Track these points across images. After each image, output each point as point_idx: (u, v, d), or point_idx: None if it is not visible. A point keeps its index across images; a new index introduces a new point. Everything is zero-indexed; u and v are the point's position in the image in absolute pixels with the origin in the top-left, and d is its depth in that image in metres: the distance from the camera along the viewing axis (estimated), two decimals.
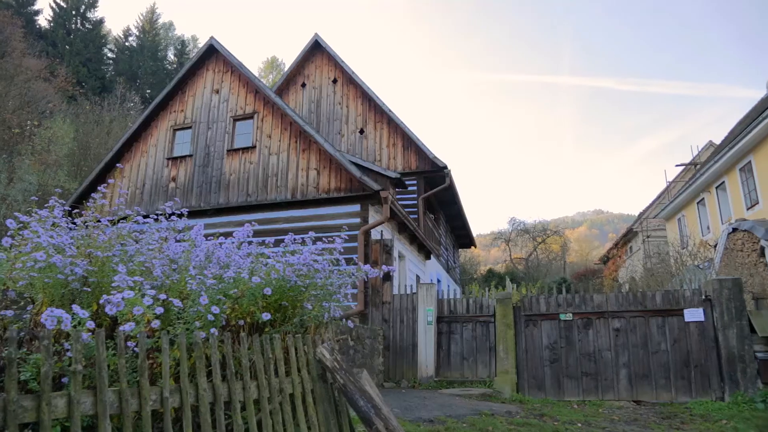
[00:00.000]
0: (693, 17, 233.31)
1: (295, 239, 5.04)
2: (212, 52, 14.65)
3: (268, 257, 4.80)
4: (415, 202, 17.60)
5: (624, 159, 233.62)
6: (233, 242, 5.00)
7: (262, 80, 52.73)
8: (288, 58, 69.82)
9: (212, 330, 3.33)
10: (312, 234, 5.47)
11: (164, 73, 48.46)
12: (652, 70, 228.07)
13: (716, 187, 20.26)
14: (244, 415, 3.17)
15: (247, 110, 13.65)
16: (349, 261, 5.12)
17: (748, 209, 17.67)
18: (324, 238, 5.35)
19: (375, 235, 11.90)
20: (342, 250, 5.06)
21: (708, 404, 8.57)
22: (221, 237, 5.11)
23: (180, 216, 5.04)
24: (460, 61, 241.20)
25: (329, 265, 5.06)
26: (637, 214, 34.16)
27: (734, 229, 15.73)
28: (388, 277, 11.17)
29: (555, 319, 9.92)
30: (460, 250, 32.21)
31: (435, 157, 17.69)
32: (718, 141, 24.98)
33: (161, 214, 4.82)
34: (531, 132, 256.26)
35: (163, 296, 3.41)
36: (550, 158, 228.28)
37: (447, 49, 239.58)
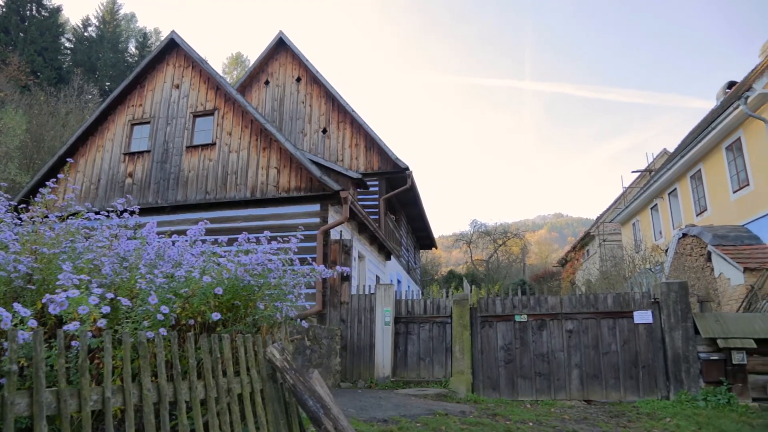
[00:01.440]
0: (651, 29, 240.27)
1: (249, 238, 5.01)
2: (173, 47, 14.39)
3: (221, 256, 4.77)
4: (377, 202, 17.66)
5: (584, 164, 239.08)
6: (186, 240, 4.95)
7: (226, 76, 51.61)
8: (253, 55, 69.19)
9: (161, 330, 3.30)
10: (267, 233, 5.45)
11: (125, 65, 47.27)
12: (611, 79, 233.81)
13: (669, 194, 20.93)
14: (191, 415, 3.15)
15: (208, 107, 13.46)
16: (303, 261, 5.13)
17: (697, 215, 18.30)
18: (279, 238, 5.34)
19: (335, 235, 11.89)
20: (296, 250, 5.06)
21: (654, 403, 8.85)
22: (174, 235, 5.05)
23: (132, 213, 4.96)
24: (425, 63, 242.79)
25: (283, 265, 5.05)
26: (595, 218, 34.99)
27: (684, 235, 16.29)
28: (346, 277, 11.18)
29: (510, 320, 10.10)
30: (421, 251, 32.42)
31: (397, 158, 17.78)
32: (672, 149, 25.82)
33: (112, 211, 4.73)
34: (494, 135, 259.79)
35: (110, 295, 3.35)
36: (513, 162, 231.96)
37: (413, 50, 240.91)
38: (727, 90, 21.54)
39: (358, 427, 6.45)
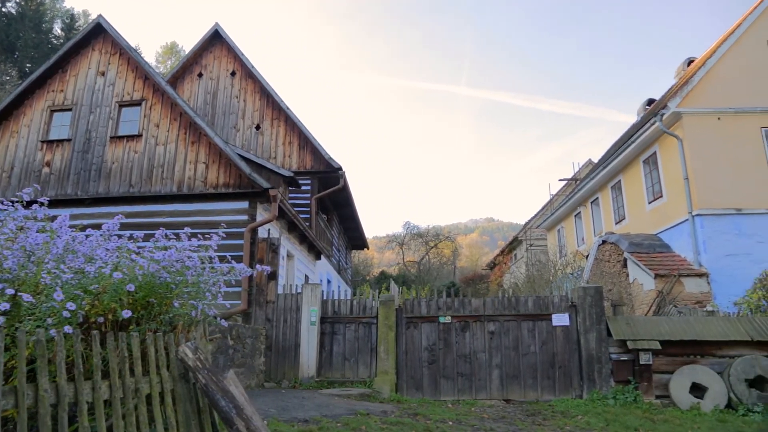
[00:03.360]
0: (584, 44, 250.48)
1: (167, 234, 4.88)
2: (100, 31, 13.78)
3: (137, 252, 4.62)
4: (309, 201, 17.55)
5: (517, 170, 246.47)
6: (101, 234, 4.77)
7: (160, 66, 49.84)
8: (190, 45, 67.11)
9: (66, 327, 3.17)
10: (188, 229, 5.32)
11: (48, 47, 44.68)
12: (545, 89, 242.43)
13: (591, 202, 21.89)
14: (95, 417, 3.04)
15: (135, 96, 12.97)
16: (223, 259, 5.03)
17: (616, 223, 19.24)
18: (200, 235, 5.23)
19: (263, 233, 11.74)
20: (216, 248, 4.97)
21: (568, 401, 9.23)
22: (89, 229, 4.85)
23: (41, 204, 4.72)
24: (364, 64, 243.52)
25: (201, 263, 4.95)
26: (523, 223, 36.11)
27: (603, 242, 17.09)
28: (273, 276, 11.05)
29: (435, 321, 10.28)
30: (353, 251, 32.47)
31: (330, 158, 17.75)
32: (596, 160, 27.03)
33: (17, 201, 4.49)
34: (431, 139, 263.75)
35: (11, 291, 3.20)
36: (448, 166, 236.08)
37: (352, 51, 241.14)
38: (647, 107, 22.79)
39: (278, 427, 6.39)
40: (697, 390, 8.96)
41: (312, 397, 8.94)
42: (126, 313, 3.62)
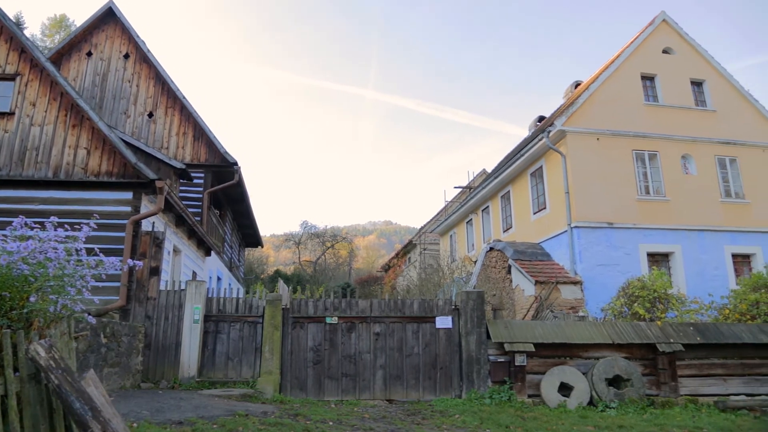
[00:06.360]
0: (486, 57, 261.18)
1: (26, 222, 4.54)
2: None
3: None
4: (201, 196, 16.95)
5: (416, 175, 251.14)
6: None
7: (46, 40, 45.87)
8: (82, 20, 62.57)
9: None
10: (54, 219, 4.99)
11: None
12: (447, 99, 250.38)
13: (482, 210, 22.83)
14: None
15: (8, 70, 11.87)
16: (90, 251, 4.74)
17: (504, 232, 20.20)
18: (67, 225, 4.91)
19: (147, 226, 11.18)
20: (84, 239, 4.69)
21: (448, 401, 9.56)
22: None
23: None
24: (264, 59, 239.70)
25: (68, 255, 4.65)
26: (419, 227, 36.97)
27: (491, 248, 17.87)
28: (156, 271, 10.55)
29: (322, 322, 10.28)
30: (248, 249, 31.76)
31: (226, 152, 17.26)
32: (490, 170, 28.25)
33: None
34: (334, 139, 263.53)
35: None
36: (350, 167, 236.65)
37: (256, 47, 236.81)
38: (538, 123, 24.18)
39: (148, 429, 6.11)
40: (565, 389, 9.61)
41: (191, 398, 8.62)
42: None
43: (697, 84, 17.83)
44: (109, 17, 18.75)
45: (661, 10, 18.19)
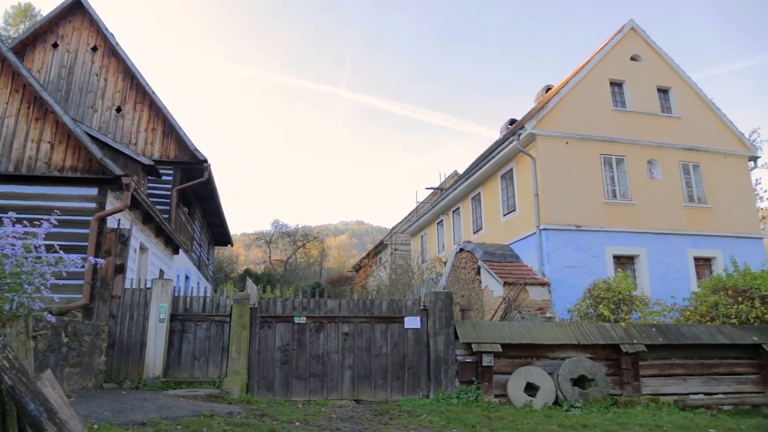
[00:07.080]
0: (459, 60, 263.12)
1: None
2: None
3: None
4: (170, 193, 16.69)
5: (389, 176, 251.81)
6: None
7: (10, 29, 44.54)
8: (48, 9, 61.06)
9: None
10: (12, 214, 4.86)
11: None
12: (421, 100, 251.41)
13: (453, 212, 22.98)
14: None
15: None
16: (50, 248, 4.63)
17: (474, 233, 20.36)
18: (25, 221, 4.79)
19: (112, 223, 10.97)
20: (44, 235, 4.58)
21: (416, 401, 9.59)
22: None
23: None
24: (236, 56, 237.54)
25: (26, 252, 4.54)
26: (391, 228, 37.04)
27: (461, 249, 18.01)
28: (121, 269, 10.36)
29: (290, 321, 10.21)
30: (217, 247, 31.40)
31: (196, 149, 17.03)
32: (462, 171, 28.46)
33: None
34: (307, 138, 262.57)
35: None
36: (322, 166, 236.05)
37: (224, 40, 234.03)
38: (509, 126, 24.42)
39: (109, 431, 5.98)
40: (532, 389, 9.73)
41: (155, 398, 8.48)
42: None
43: (663, 91, 18.26)
44: (76, 8, 18.32)
45: (629, 18, 18.57)
